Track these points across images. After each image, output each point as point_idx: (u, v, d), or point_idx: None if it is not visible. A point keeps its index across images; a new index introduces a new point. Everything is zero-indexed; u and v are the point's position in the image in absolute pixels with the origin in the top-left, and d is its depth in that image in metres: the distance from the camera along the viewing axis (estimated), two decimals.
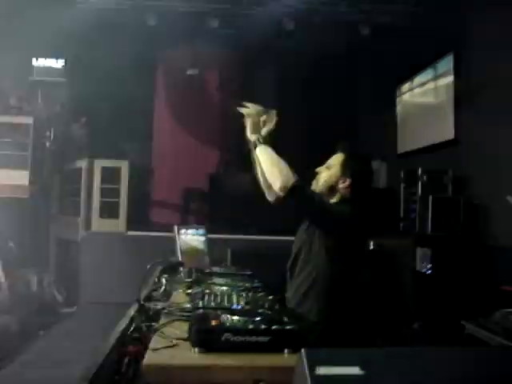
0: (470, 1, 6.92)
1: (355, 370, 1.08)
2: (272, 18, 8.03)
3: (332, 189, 2.53)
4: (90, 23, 7.89)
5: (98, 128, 8.48)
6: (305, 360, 1.08)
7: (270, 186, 2.57)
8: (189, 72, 9.33)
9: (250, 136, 2.49)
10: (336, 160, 2.57)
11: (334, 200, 2.53)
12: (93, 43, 8.48)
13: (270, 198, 2.72)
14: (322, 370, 1.06)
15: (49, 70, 8.92)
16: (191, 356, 1.65)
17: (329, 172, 2.55)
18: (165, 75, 9.72)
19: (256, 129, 2.47)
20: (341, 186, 2.52)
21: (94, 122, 8.57)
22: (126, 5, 8.09)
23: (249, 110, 2.54)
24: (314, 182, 2.57)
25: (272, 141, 2.44)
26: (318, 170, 2.59)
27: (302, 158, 4.05)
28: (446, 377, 1.10)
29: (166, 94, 9.67)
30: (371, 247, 5.98)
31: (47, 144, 8.27)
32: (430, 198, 6.73)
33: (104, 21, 8.06)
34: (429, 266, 6.51)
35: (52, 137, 8.27)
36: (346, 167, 2.52)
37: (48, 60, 8.94)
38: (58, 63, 8.94)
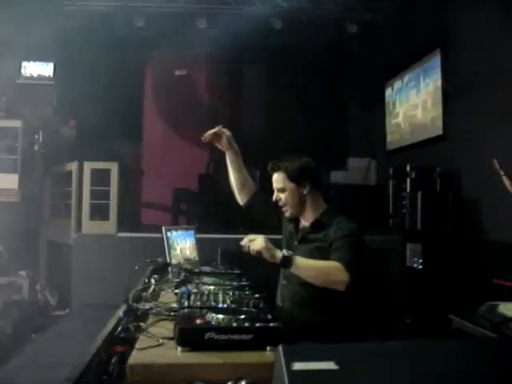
0: None
1: (331, 365, 1.10)
2: (259, 17, 8.05)
3: (302, 203, 2.58)
4: (78, 25, 7.89)
5: (87, 130, 8.46)
6: (282, 356, 1.10)
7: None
8: (177, 73, 9.35)
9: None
10: (279, 181, 2.59)
11: (309, 212, 2.59)
12: (81, 45, 8.47)
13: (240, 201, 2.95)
14: (299, 366, 1.09)
15: (37, 73, 8.92)
16: (175, 355, 1.67)
17: (286, 194, 2.57)
18: (153, 76, 9.73)
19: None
20: (305, 192, 2.55)
21: (83, 124, 8.55)
22: (113, 6, 8.10)
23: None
24: (284, 213, 2.63)
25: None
26: (275, 199, 2.61)
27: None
28: (419, 372, 1.12)
29: (155, 95, 9.67)
30: None
31: (36, 147, 8.25)
32: (419, 194, 6.77)
33: (92, 22, 8.07)
34: (419, 261, 6.54)
35: (41, 140, 8.25)
36: (293, 179, 2.55)
37: (36, 63, 8.94)
38: (47, 66, 8.94)
